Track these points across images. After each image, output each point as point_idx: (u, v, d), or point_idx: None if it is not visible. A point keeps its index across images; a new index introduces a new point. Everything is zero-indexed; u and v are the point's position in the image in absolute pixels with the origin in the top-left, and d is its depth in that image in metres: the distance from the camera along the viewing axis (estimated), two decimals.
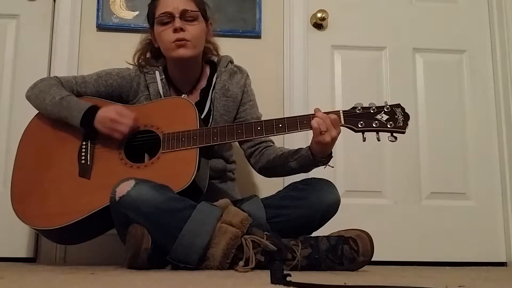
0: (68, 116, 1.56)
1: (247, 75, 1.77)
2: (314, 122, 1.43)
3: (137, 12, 2.12)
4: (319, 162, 1.52)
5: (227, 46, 1.83)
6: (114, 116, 1.52)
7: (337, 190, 1.55)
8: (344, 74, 2.21)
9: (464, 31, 2.28)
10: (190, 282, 1.01)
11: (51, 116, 1.61)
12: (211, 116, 1.67)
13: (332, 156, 1.53)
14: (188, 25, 1.61)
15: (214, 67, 1.74)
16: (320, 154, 1.50)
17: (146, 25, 1.83)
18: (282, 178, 1.84)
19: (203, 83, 1.71)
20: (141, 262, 1.33)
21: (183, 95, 1.68)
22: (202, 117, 1.63)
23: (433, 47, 2.26)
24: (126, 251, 1.39)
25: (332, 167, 1.57)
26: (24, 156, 1.62)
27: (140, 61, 1.72)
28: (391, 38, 2.25)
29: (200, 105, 1.66)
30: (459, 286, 0.97)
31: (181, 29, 1.59)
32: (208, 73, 1.73)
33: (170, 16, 1.61)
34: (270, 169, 1.67)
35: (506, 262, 2.14)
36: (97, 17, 2.09)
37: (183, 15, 1.61)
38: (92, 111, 1.55)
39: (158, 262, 1.38)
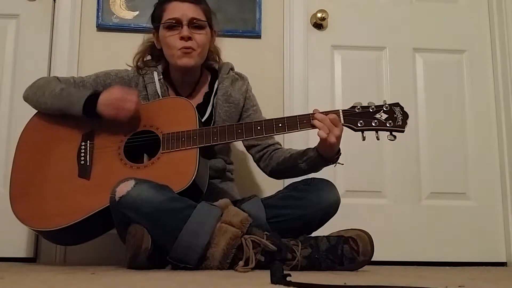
0: (69, 105, 1.54)
1: (248, 82, 1.78)
2: (321, 132, 1.43)
3: (137, 12, 2.11)
4: (328, 161, 1.53)
5: (227, 46, 1.83)
6: (120, 95, 1.51)
7: (337, 190, 1.55)
8: (344, 74, 2.21)
9: (464, 31, 2.28)
10: (190, 282, 1.01)
11: (51, 110, 1.59)
12: (213, 121, 1.67)
13: (340, 153, 1.54)
14: (195, 33, 1.62)
15: (215, 73, 1.75)
16: (328, 154, 1.51)
17: (146, 25, 1.83)
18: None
19: (204, 88, 1.72)
20: (141, 262, 1.33)
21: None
22: (203, 121, 1.63)
23: (433, 47, 2.26)
24: (126, 251, 1.39)
25: (342, 164, 1.56)
26: (22, 157, 1.61)
27: (138, 63, 1.72)
28: (391, 38, 2.25)
29: (201, 108, 1.66)
30: (459, 286, 0.97)
31: (189, 38, 1.60)
32: (209, 79, 1.73)
33: (178, 22, 1.61)
34: (281, 171, 1.68)
35: (506, 262, 2.14)
36: (97, 17, 2.09)
37: (191, 23, 1.61)
38: (93, 96, 1.53)
39: (158, 262, 1.38)
